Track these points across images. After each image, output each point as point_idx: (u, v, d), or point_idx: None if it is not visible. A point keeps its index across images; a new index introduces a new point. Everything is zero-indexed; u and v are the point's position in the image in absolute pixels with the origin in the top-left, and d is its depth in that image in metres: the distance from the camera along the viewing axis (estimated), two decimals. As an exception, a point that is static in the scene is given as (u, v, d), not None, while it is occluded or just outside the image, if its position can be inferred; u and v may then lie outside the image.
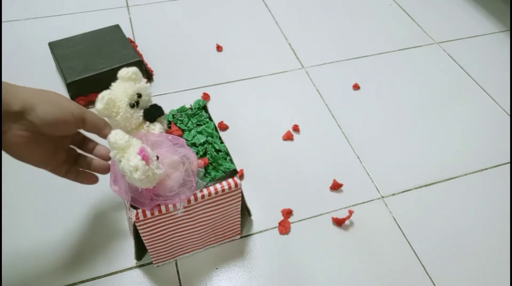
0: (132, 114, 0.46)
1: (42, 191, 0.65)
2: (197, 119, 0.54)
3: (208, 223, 0.54)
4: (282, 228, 0.61)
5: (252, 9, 1.03)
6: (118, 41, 0.82)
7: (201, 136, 0.52)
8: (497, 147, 0.74)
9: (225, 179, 0.49)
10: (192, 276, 0.56)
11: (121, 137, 0.41)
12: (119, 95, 0.46)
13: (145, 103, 0.48)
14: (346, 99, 0.82)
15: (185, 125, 0.53)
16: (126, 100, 0.46)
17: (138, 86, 0.47)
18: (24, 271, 0.56)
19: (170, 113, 0.55)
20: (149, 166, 0.41)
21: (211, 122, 0.53)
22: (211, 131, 0.52)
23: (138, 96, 0.47)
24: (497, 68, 0.90)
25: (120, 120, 0.46)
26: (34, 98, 0.40)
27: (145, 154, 0.40)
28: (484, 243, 0.61)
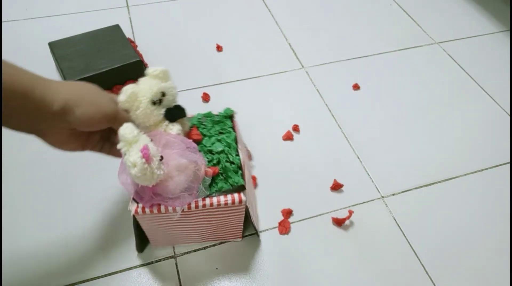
0: (152, 111, 0.47)
1: (43, 191, 0.65)
2: (221, 127, 0.53)
3: (208, 227, 0.54)
4: (282, 228, 0.61)
5: (252, 9, 1.03)
6: (118, 41, 0.82)
7: (220, 145, 0.51)
8: (497, 147, 0.74)
9: (231, 192, 0.48)
10: (192, 276, 0.56)
11: (130, 131, 0.42)
12: (143, 90, 0.47)
13: (168, 103, 0.48)
14: (346, 99, 0.82)
15: (208, 131, 0.53)
16: (149, 97, 0.46)
17: (164, 85, 0.48)
18: (25, 271, 0.56)
19: (196, 117, 0.54)
20: (149, 165, 0.41)
21: (233, 133, 0.53)
22: (230, 142, 0.52)
23: (162, 95, 0.47)
24: (497, 68, 0.90)
25: (140, 115, 0.47)
26: (74, 99, 0.42)
27: (146, 152, 0.40)
28: (484, 243, 0.61)
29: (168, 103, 0.49)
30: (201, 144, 0.51)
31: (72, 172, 0.67)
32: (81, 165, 0.68)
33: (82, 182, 0.66)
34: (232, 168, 0.49)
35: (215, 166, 0.49)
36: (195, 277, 0.56)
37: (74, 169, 0.68)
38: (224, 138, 0.52)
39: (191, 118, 0.54)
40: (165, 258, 0.58)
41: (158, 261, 0.58)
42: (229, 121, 0.55)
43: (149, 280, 0.56)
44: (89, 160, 0.69)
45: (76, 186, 0.66)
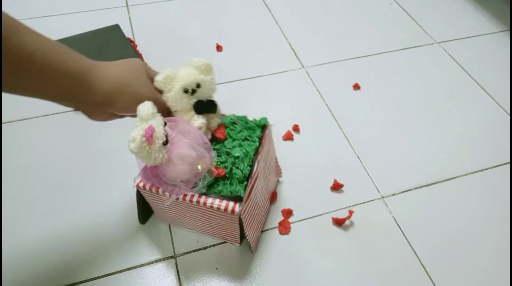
0: (182, 98, 0.48)
1: (43, 191, 0.65)
2: (249, 133, 0.53)
3: (204, 223, 0.54)
4: (282, 228, 0.61)
5: (252, 9, 1.03)
6: (118, 41, 0.82)
7: (239, 150, 0.50)
8: (497, 147, 0.74)
9: (228, 199, 0.48)
10: (192, 276, 0.56)
11: (146, 109, 0.43)
12: (179, 76, 0.48)
13: (202, 95, 0.49)
14: (346, 99, 0.82)
15: (235, 134, 0.52)
16: (182, 84, 0.48)
17: (202, 77, 0.48)
18: (25, 271, 0.56)
19: (230, 117, 0.54)
20: (148, 144, 0.42)
21: (256, 143, 0.52)
22: (249, 150, 0.50)
23: (197, 86, 0.48)
24: (497, 68, 0.90)
25: (170, 98, 0.48)
26: (116, 90, 0.44)
27: (148, 132, 0.41)
28: (484, 243, 0.61)
29: (202, 95, 0.49)
30: (222, 144, 0.51)
31: (72, 172, 0.67)
32: (81, 165, 0.68)
33: (82, 182, 0.66)
34: (238, 176, 0.49)
35: (225, 168, 0.49)
36: (195, 277, 0.56)
37: (74, 169, 0.68)
38: (245, 145, 0.51)
39: (224, 116, 0.54)
40: (165, 258, 0.58)
41: (158, 261, 0.58)
42: (259, 130, 0.53)
43: (149, 280, 0.56)
44: (90, 160, 0.69)
45: (76, 186, 0.66)
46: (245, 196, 0.49)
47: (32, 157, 0.69)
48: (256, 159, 0.51)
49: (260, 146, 0.52)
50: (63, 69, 0.41)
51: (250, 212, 0.52)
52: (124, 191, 0.65)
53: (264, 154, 0.54)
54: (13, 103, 0.77)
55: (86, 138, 0.72)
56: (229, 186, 0.48)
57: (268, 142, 0.55)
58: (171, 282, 0.56)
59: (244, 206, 0.49)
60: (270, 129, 0.56)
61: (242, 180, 0.49)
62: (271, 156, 0.58)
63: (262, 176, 0.55)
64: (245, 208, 0.50)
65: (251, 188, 0.50)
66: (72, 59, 0.42)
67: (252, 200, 0.51)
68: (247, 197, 0.49)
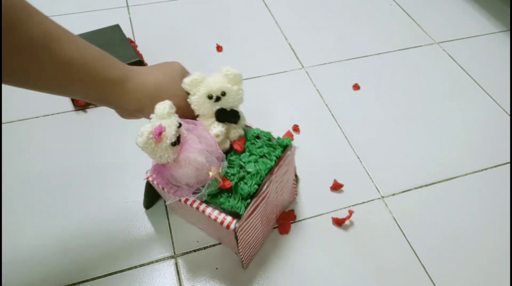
0: (204, 103, 0.49)
1: (43, 190, 0.65)
2: (268, 151, 0.51)
3: (205, 224, 0.54)
4: (282, 228, 0.61)
5: (252, 9, 1.03)
6: (118, 41, 0.82)
7: (252, 166, 0.49)
8: (497, 147, 0.74)
9: (226, 213, 0.47)
10: (192, 276, 0.56)
11: (163, 108, 0.44)
12: (206, 81, 0.48)
13: (226, 104, 0.49)
14: (346, 99, 0.82)
15: (254, 148, 0.51)
16: (207, 89, 0.48)
17: (229, 86, 0.48)
18: (24, 271, 0.56)
19: (254, 130, 0.53)
20: (155, 142, 0.42)
21: (272, 162, 0.50)
22: (262, 169, 0.49)
23: (222, 94, 0.48)
24: (497, 68, 0.90)
25: (193, 101, 0.49)
26: (148, 100, 0.46)
27: (156, 131, 0.42)
28: (484, 243, 0.61)
29: (226, 104, 0.49)
30: (238, 155, 0.50)
31: (72, 172, 0.67)
32: (81, 165, 0.68)
33: (83, 182, 0.66)
34: (242, 192, 0.48)
35: (232, 181, 0.48)
36: (195, 277, 0.56)
37: (74, 169, 0.68)
38: (261, 162, 0.50)
39: (249, 129, 0.53)
40: (165, 258, 0.58)
41: (158, 261, 0.58)
42: (280, 150, 0.52)
43: (149, 280, 0.56)
44: (90, 160, 0.69)
45: (77, 186, 0.66)
46: (246, 214, 0.48)
47: (32, 157, 0.69)
48: (269, 179, 0.50)
49: (276, 166, 0.51)
50: (99, 78, 0.43)
51: (248, 230, 0.51)
52: (124, 191, 0.65)
53: (280, 175, 0.53)
54: (13, 103, 0.77)
55: (86, 138, 0.72)
56: (231, 200, 0.47)
57: (287, 164, 0.54)
58: (171, 282, 0.56)
59: (243, 223, 0.48)
60: (293, 151, 0.54)
61: (246, 197, 0.48)
62: (288, 178, 0.57)
63: (272, 197, 0.53)
64: (243, 226, 0.48)
65: (255, 207, 0.49)
66: (109, 68, 0.44)
67: (253, 219, 0.50)
68: (248, 215, 0.48)
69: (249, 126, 0.54)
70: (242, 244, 0.51)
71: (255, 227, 0.52)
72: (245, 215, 0.48)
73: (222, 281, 0.56)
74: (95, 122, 0.75)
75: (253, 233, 0.53)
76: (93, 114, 0.77)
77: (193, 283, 0.56)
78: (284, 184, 0.57)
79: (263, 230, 0.57)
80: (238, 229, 0.47)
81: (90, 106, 0.77)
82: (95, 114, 0.77)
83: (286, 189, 0.59)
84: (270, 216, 0.57)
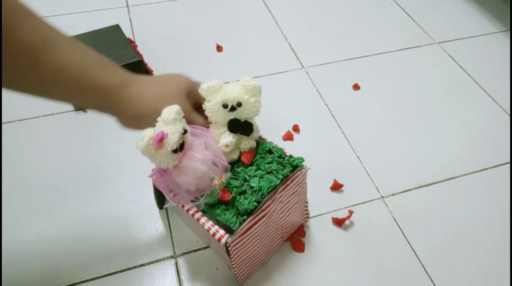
0: (219, 111, 0.48)
1: (43, 190, 0.65)
2: (277, 168, 0.49)
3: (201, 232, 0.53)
4: (296, 246, 0.60)
5: (252, 9, 1.03)
6: (118, 41, 0.82)
7: (256, 182, 0.48)
8: (497, 147, 0.74)
9: (220, 226, 0.46)
10: (192, 276, 0.56)
11: (169, 113, 0.43)
12: (224, 89, 0.48)
13: (241, 115, 0.48)
14: (346, 99, 0.82)
15: (263, 163, 0.50)
16: (223, 98, 0.47)
17: (245, 97, 0.47)
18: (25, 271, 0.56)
19: (267, 144, 0.52)
20: (155, 148, 0.42)
21: (277, 181, 0.48)
22: (265, 185, 0.48)
23: (238, 104, 0.47)
24: (497, 68, 0.90)
25: (208, 108, 0.48)
26: (146, 109, 0.45)
27: (157, 137, 0.41)
28: (484, 243, 0.61)
29: (241, 115, 0.48)
30: (245, 168, 0.49)
31: (72, 172, 0.67)
32: (81, 165, 0.68)
33: (82, 182, 0.66)
34: (240, 207, 0.46)
35: (232, 194, 0.47)
36: (195, 277, 0.56)
37: (74, 169, 0.68)
38: (266, 178, 0.48)
39: (263, 142, 0.52)
40: (165, 258, 0.58)
41: (158, 261, 0.58)
42: (289, 169, 0.49)
43: (149, 280, 0.56)
44: (90, 160, 0.69)
45: (76, 186, 0.66)
46: (241, 230, 0.46)
47: (32, 157, 0.69)
48: (272, 197, 0.48)
49: (283, 186, 0.49)
50: (96, 84, 0.42)
51: (243, 248, 0.49)
52: (124, 191, 0.65)
53: (286, 196, 0.51)
54: (13, 103, 0.77)
55: (86, 138, 0.72)
56: (227, 214, 0.46)
57: (296, 184, 0.52)
58: (171, 282, 0.56)
59: (236, 239, 0.46)
60: (305, 173, 0.52)
61: (243, 213, 0.46)
62: (298, 199, 0.54)
63: (275, 217, 0.51)
64: (237, 242, 0.47)
65: (252, 225, 0.47)
66: (107, 74, 0.43)
67: (250, 236, 0.48)
68: (243, 232, 0.46)
69: (263, 139, 0.53)
70: (236, 260, 0.49)
71: (252, 245, 0.50)
72: (240, 232, 0.46)
73: (222, 281, 0.56)
74: (95, 122, 0.75)
75: (250, 250, 0.51)
76: (93, 114, 0.77)
77: (193, 283, 0.56)
78: (293, 205, 0.54)
79: (264, 249, 0.54)
80: (230, 244, 0.46)
81: (90, 106, 0.77)
82: (95, 114, 0.76)
83: (295, 211, 0.56)
84: (274, 235, 0.55)
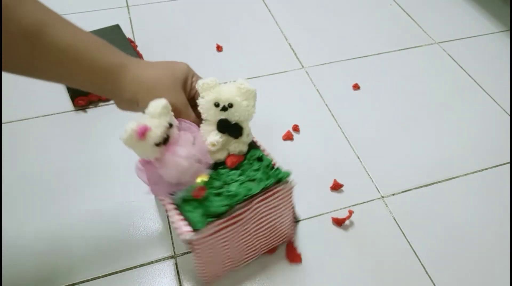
0: (210, 109, 0.48)
1: (43, 190, 0.65)
2: (261, 177, 0.48)
3: None
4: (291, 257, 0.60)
5: (252, 9, 1.03)
6: (118, 41, 0.82)
7: (235, 187, 0.47)
8: (497, 147, 0.74)
9: (184, 223, 0.45)
10: (192, 276, 0.56)
11: (155, 106, 0.43)
12: (218, 88, 0.48)
13: (232, 117, 0.48)
14: (346, 99, 0.82)
15: (250, 170, 0.49)
16: (215, 97, 0.47)
17: (237, 99, 0.47)
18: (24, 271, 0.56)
19: (258, 152, 0.51)
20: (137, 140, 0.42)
21: (254, 191, 0.47)
22: (242, 192, 0.46)
23: (229, 105, 0.48)
24: (497, 68, 0.90)
25: (200, 103, 0.48)
26: (141, 93, 0.45)
27: (140, 130, 0.41)
28: (484, 243, 0.61)
29: (232, 117, 0.48)
30: (229, 171, 0.49)
31: (72, 172, 0.67)
32: (81, 165, 0.68)
33: (82, 182, 0.66)
34: (209, 208, 0.45)
35: (207, 194, 0.46)
36: (195, 277, 0.56)
37: (74, 169, 0.68)
38: (246, 185, 0.47)
39: (254, 149, 0.51)
40: (165, 258, 0.58)
41: (158, 261, 0.58)
42: (272, 181, 0.48)
43: (149, 280, 0.56)
44: (90, 160, 0.69)
45: (76, 186, 0.66)
46: (207, 232, 0.45)
47: (31, 157, 0.69)
48: (247, 206, 0.47)
49: (261, 197, 0.48)
50: (93, 64, 0.42)
51: (210, 249, 0.48)
52: (124, 191, 0.65)
53: (266, 208, 0.50)
54: (13, 103, 0.77)
55: (86, 138, 0.72)
56: (196, 212, 0.45)
57: (279, 199, 0.50)
58: (171, 282, 0.56)
59: (201, 239, 0.46)
60: (289, 189, 0.50)
61: (212, 215, 0.45)
62: (281, 215, 0.53)
63: (251, 227, 0.50)
64: (202, 242, 0.46)
65: (220, 229, 0.46)
66: (104, 55, 0.43)
67: (218, 239, 0.47)
68: (210, 233, 0.46)
69: (257, 146, 0.52)
70: (201, 259, 0.49)
71: (221, 249, 0.49)
72: (205, 232, 0.45)
73: (222, 281, 0.56)
74: (95, 122, 0.75)
75: (218, 253, 0.50)
76: (93, 114, 0.77)
77: (193, 283, 0.56)
78: (274, 219, 0.53)
79: (236, 256, 0.53)
80: (193, 243, 0.45)
81: (90, 106, 0.77)
82: (95, 114, 0.77)
83: (278, 227, 0.54)
84: (250, 245, 0.53)
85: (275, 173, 0.49)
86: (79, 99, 0.76)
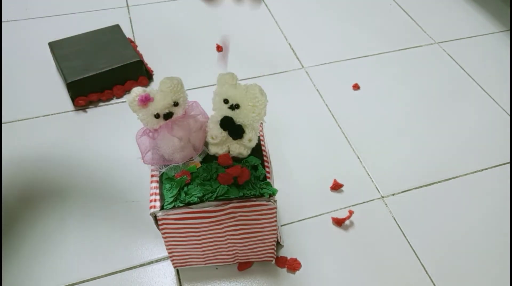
0: (219, 102, 0.48)
1: (42, 190, 0.65)
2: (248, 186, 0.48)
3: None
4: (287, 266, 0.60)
5: (252, 9, 1.03)
6: (118, 41, 0.82)
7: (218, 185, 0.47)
8: (497, 147, 0.74)
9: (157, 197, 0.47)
10: (192, 276, 0.56)
11: (166, 82, 0.46)
12: (237, 86, 0.48)
13: (238, 118, 0.48)
14: (346, 99, 0.82)
15: None
16: (226, 94, 0.48)
17: (245, 103, 0.48)
18: (24, 271, 0.56)
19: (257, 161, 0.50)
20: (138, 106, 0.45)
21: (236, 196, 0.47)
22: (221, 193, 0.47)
23: (236, 106, 0.48)
24: (497, 68, 0.90)
25: (214, 94, 0.49)
26: None
27: (141, 98, 0.44)
28: (484, 243, 0.61)
29: (237, 117, 0.48)
30: (221, 168, 0.48)
31: (72, 172, 0.67)
32: (81, 165, 0.68)
33: (82, 182, 0.66)
34: (183, 194, 0.46)
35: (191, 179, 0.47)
36: (195, 277, 0.56)
37: (74, 169, 0.68)
38: (229, 188, 0.47)
39: (252, 156, 0.50)
40: (165, 258, 0.58)
41: (158, 261, 0.58)
42: (254, 193, 0.47)
43: (149, 280, 0.56)
44: (90, 160, 0.69)
45: (76, 186, 0.66)
46: (173, 215, 0.46)
47: (32, 157, 0.69)
48: (221, 207, 0.47)
49: (238, 204, 0.47)
50: None
51: (176, 232, 0.49)
52: (124, 191, 0.65)
53: (244, 217, 0.49)
54: (13, 103, 0.77)
55: (86, 138, 0.72)
56: (171, 191, 0.46)
57: (260, 214, 0.49)
58: (171, 282, 0.56)
59: (167, 219, 0.47)
60: (271, 207, 0.48)
61: (183, 201, 0.46)
62: (261, 231, 0.51)
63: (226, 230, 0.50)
64: (169, 223, 0.47)
65: (189, 217, 0.47)
66: None
67: (186, 227, 0.48)
68: (177, 218, 0.47)
69: (262, 155, 0.52)
70: (167, 241, 0.50)
71: (189, 236, 0.50)
72: (170, 215, 0.46)
73: (222, 281, 0.56)
74: (95, 122, 0.75)
75: (186, 240, 0.51)
76: (93, 114, 0.77)
77: (193, 283, 0.56)
78: (253, 233, 0.52)
79: (206, 251, 0.53)
80: (160, 219, 0.47)
81: (90, 106, 0.77)
82: (95, 114, 0.77)
83: (257, 243, 0.53)
84: (223, 247, 0.53)
85: (262, 186, 0.48)
86: (79, 99, 0.76)
